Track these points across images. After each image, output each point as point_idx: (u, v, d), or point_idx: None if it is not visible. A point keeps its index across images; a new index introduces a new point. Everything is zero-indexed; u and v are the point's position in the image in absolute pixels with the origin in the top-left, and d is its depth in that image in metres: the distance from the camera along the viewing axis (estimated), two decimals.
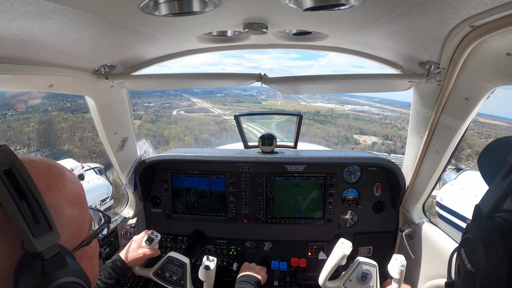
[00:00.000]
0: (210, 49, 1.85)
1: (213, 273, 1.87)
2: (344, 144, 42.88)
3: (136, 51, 1.62)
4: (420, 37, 1.31)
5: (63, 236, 0.67)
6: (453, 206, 5.02)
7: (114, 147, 2.07)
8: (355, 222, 2.41)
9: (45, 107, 24.81)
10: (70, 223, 0.70)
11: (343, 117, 51.99)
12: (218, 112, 53.71)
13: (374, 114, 50.30)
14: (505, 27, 0.96)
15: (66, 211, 0.69)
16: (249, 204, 2.42)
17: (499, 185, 0.59)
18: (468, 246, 0.64)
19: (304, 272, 2.48)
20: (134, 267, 1.89)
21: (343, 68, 51.27)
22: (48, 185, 0.67)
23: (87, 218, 0.77)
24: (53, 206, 0.66)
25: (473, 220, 0.66)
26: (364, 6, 0.99)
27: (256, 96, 57.71)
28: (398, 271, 1.70)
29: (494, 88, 1.33)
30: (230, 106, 55.95)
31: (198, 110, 54.66)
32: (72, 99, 22.30)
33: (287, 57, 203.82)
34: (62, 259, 0.63)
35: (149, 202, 2.52)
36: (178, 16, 1.02)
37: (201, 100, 57.11)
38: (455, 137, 1.62)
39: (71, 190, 0.72)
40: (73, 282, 0.63)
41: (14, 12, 0.85)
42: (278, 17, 1.20)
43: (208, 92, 56.23)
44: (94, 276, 0.80)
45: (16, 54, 1.17)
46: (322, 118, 52.17)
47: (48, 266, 0.60)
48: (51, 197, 0.66)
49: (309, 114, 53.10)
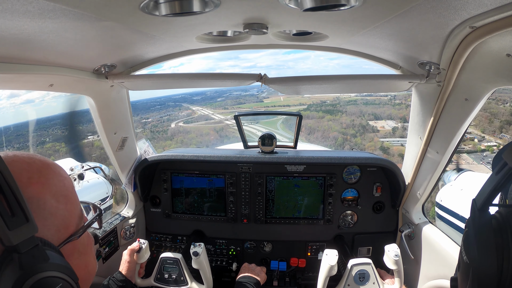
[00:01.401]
0: (210, 49, 1.85)
1: (204, 259, 1.90)
2: (363, 135, 38.87)
3: (136, 51, 1.62)
4: (420, 38, 1.31)
5: (46, 229, 0.65)
6: (452, 207, 5.02)
7: (114, 147, 2.07)
8: (354, 222, 2.41)
9: (42, 139, 23.90)
10: (54, 216, 0.68)
11: (351, 104, 48.07)
12: (219, 117, 52.15)
13: (382, 96, 46.59)
14: (505, 28, 0.96)
15: (50, 204, 0.68)
16: (249, 204, 2.42)
17: (492, 179, 0.63)
18: (466, 239, 0.67)
19: (303, 272, 2.48)
20: (136, 280, 1.92)
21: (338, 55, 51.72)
22: (30, 178, 0.66)
23: (75, 212, 0.75)
24: (35, 199, 0.65)
25: (470, 214, 0.69)
26: (364, 7, 0.99)
27: (257, 95, 56.43)
28: (393, 261, 1.70)
29: (494, 89, 1.33)
30: (232, 109, 54.44)
31: (198, 118, 52.83)
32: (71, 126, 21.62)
33: (281, 52, 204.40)
34: (41, 252, 0.61)
35: (148, 201, 2.52)
36: (178, 16, 1.02)
37: (201, 107, 55.40)
38: (455, 138, 1.62)
39: (55, 183, 0.70)
40: (56, 277, 0.61)
41: (14, 11, 0.85)
42: (278, 17, 1.20)
43: (208, 98, 54.87)
44: (88, 272, 0.78)
45: (16, 53, 1.17)
46: (330, 107, 48.76)
47: (26, 259, 0.58)
48: (32, 190, 0.65)
49: (315, 105, 49.86)
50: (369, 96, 46.81)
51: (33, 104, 38.50)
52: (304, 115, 2.99)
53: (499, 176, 0.61)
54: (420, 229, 2.06)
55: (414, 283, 2.11)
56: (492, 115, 26.65)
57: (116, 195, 2.88)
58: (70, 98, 3.74)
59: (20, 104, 35.27)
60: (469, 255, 0.64)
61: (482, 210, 0.64)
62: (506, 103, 27.92)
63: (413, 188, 2.13)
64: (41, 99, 43.24)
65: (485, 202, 0.64)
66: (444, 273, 1.82)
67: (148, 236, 2.57)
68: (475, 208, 0.66)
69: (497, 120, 25.22)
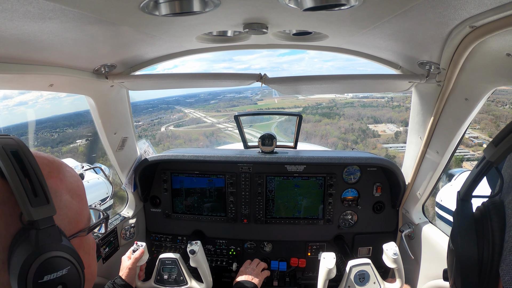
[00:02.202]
0: (210, 49, 1.85)
1: (201, 257, 1.90)
2: (364, 141, 36.23)
3: (136, 51, 1.62)
4: (420, 38, 1.31)
5: (60, 219, 0.69)
6: (452, 207, 5.01)
7: (114, 147, 2.07)
8: (354, 222, 2.41)
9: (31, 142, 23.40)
10: (67, 209, 0.72)
11: (348, 106, 45.87)
12: (211, 121, 50.14)
13: (379, 98, 44.97)
14: (505, 28, 0.96)
15: (65, 198, 0.72)
16: (249, 204, 2.42)
17: (473, 172, 0.69)
18: (452, 229, 0.73)
19: (303, 272, 2.48)
20: (136, 283, 1.92)
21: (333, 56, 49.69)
22: (50, 172, 0.71)
23: (85, 211, 0.78)
24: (53, 190, 0.69)
25: (455, 205, 0.74)
26: (364, 7, 0.99)
27: (251, 97, 54.83)
28: (392, 259, 1.70)
29: (494, 89, 1.33)
30: (225, 111, 52.66)
31: (190, 121, 50.49)
32: (61, 129, 21.12)
33: (276, 54, 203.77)
34: (56, 232, 0.65)
35: (148, 202, 2.52)
36: (178, 16, 1.02)
37: (193, 110, 53.54)
38: (455, 138, 1.62)
39: (71, 181, 0.75)
40: (65, 258, 0.65)
41: (14, 12, 0.85)
42: (278, 17, 1.20)
43: (202, 100, 53.37)
44: (90, 273, 0.80)
45: (16, 53, 1.17)
46: (327, 110, 46.47)
47: (42, 236, 0.63)
48: (51, 182, 0.69)
49: (311, 108, 47.86)
50: (366, 98, 45.03)
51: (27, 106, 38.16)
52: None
53: (478, 169, 0.68)
54: (420, 229, 2.06)
55: (414, 283, 2.11)
56: (496, 118, 26.56)
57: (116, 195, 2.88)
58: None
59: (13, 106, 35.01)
60: (454, 243, 0.69)
61: (464, 200, 0.70)
62: (505, 105, 27.91)
63: (413, 188, 2.13)
64: (34, 101, 42.70)
65: (466, 192, 0.69)
66: None
67: (148, 236, 2.57)
68: (458, 199, 0.72)
69: (502, 123, 25.10)
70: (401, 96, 40.02)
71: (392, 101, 41.92)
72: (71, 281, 0.67)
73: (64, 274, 0.65)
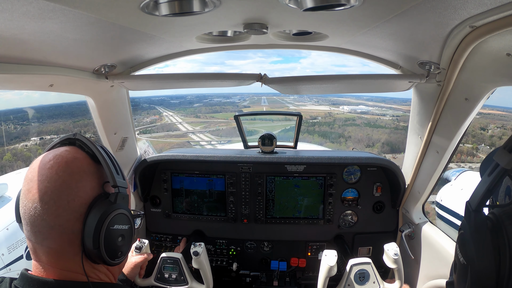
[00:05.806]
0: (210, 49, 1.85)
1: (204, 259, 1.90)
2: None
3: (136, 51, 1.62)
4: (420, 38, 1.31)
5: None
6: (453, 207, 5.02)
7: (114, 147, 2.07)
8: (354, 222, 2.41)
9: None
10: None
11: (351, 125, 39.63)
12: (186, 129, 44.65)
13: (380, 114, 40.55)
14: (505, 28, 0.96)
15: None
16: (249, 204, 2.42)
17: (485, 181, 0.64)
18: (461, 240, 0.68)
19: (303, 272, 2.48)
20: (136, 280, 1.90)
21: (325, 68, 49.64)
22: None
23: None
24: None
25: (464, 216, 0.69)
26: (364, 7, 0.99)
27: (237, 103, 51.84)
28: (392, 260, 1.70)
29: (494, 89, 1.33)
30: (204, 118, 48.52)
31: (160, 128, 44.03)
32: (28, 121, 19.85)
33: (268, 61, 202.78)
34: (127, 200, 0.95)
35: (149, 202, 2.52)
36: (178, 16, 1.02)
37: (172, 112, 49.60)
38: (455, 138, 1.62)
39: None
40: (126, 216, 0.93)
41: (14, 11, 0.85)
42: (278, 17, 1.20)
43: (187, 102, 51.42)
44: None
45: (16, 53, 1.17)
46: (327, 128, 39.80)
47: (119, 197, 0.90)
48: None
49: (306, 123, 39.47)
50: (365, 114, 40.43)
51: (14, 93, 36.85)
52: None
53: (492, 176, 0.63)
54: (420, 229, 2.06)
55: (414, 282, 2.11)
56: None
57: None
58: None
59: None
60: (466, 256, 0.64)
61: (477, 211, 0.65)
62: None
63: (413, 188, 2.13)
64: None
65: (480, 203, 0.65)
66: (444, 272, 1.82)
67: (148, 236, 2.57)
68: (470, 210, 0.66)
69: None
70: (401, 114, 36.66)
71: (398, 121, 36.64)
72: (127, 236, 0.93)
73: (125, 228, 0.92)
